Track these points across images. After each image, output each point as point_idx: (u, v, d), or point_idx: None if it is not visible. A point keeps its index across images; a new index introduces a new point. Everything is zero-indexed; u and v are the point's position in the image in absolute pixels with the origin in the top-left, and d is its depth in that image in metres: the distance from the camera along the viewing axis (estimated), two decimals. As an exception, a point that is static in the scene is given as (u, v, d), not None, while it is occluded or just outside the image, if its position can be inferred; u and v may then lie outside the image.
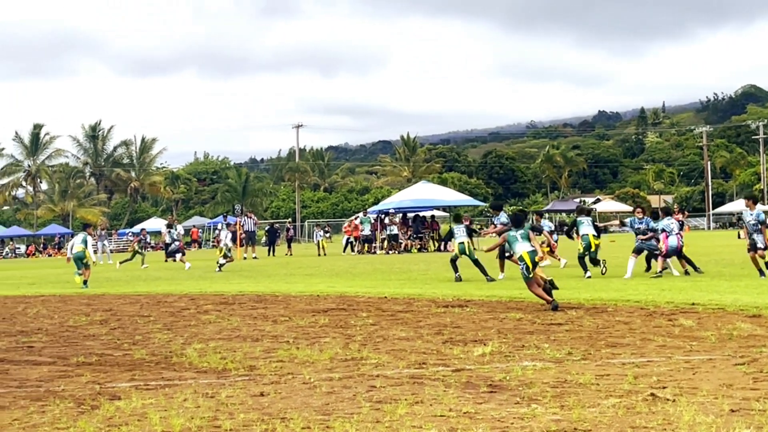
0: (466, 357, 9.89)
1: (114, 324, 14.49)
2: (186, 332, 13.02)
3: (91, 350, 11.42)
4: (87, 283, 24.12)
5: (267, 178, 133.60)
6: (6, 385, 9.00)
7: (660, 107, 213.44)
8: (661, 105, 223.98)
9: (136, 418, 7.29)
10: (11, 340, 12.87)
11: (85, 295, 21.02)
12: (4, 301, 20.51)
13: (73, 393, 8.43)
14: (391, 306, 15.76)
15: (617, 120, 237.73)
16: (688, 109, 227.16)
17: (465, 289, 18.88)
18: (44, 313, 16.83)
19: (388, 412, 7.16)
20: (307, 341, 11.54)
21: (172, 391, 8.35)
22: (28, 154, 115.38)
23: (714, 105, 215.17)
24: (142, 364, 10.11)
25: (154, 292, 21.31)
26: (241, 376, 9.11)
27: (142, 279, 27.77)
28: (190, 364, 9.98)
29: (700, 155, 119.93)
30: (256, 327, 13.37)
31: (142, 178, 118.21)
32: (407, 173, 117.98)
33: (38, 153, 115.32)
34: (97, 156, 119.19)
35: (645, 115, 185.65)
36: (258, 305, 16.78)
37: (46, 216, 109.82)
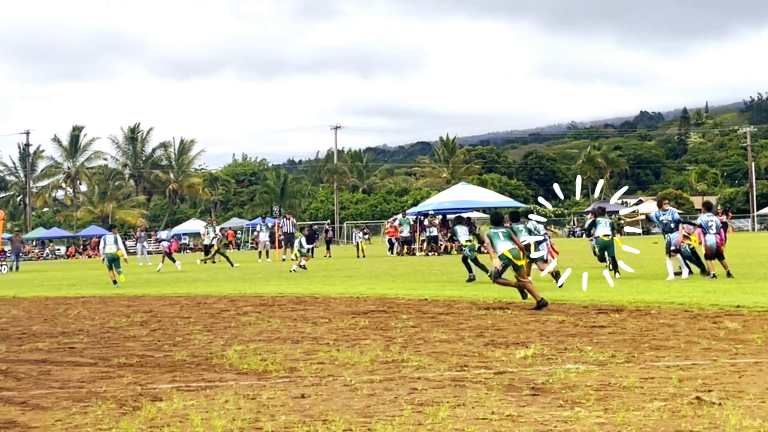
0: (508, 359, 9.87)
1: (154, 325, 14.61)
2: (226, 334, 13.09)
3: (132, 351, 11.52)
4: (117, 283, 25.43)
5: (305, 179, 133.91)
6: (48, 386, 9.11)
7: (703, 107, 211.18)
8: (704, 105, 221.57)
9: (178, 419, 7.34)
10: (53, 341, 13.02)
11: (125, 297, 21.19)
12: (46, 302, 20.74)
13: (115, 394, 8.51)
14: (431, 308, 15.76)
15: (659, 120, 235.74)
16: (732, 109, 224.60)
17: (506, 291, 18.80)
18: (85, 315, 17.00)
19: (429, 414, 7.16)
20: (347, 343, 11.57)
21: (213, 393, 8.40)
22: (68, 156, 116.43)
23: (758, 105, 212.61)
24: (182, 366, 10.18)
25: (193, 293, 21.44)
26: (282, 377, 9.15)
27: (182, 280, 27.94)
28: (231, 366, 10.03)
29: (743, 156, 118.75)
30: (296, 329, 13.41)
31: (181, 179, 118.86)
32: (446, 174, 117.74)
33: (78, 155, 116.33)
34: (136, 158, 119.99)
35: (688, 115, 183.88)
36: (298, 307, 16.83)
37: (86, 217, 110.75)
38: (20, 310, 18.69)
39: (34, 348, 12.28)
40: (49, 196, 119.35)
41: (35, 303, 20.51)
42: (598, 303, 15.40)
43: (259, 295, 19.84)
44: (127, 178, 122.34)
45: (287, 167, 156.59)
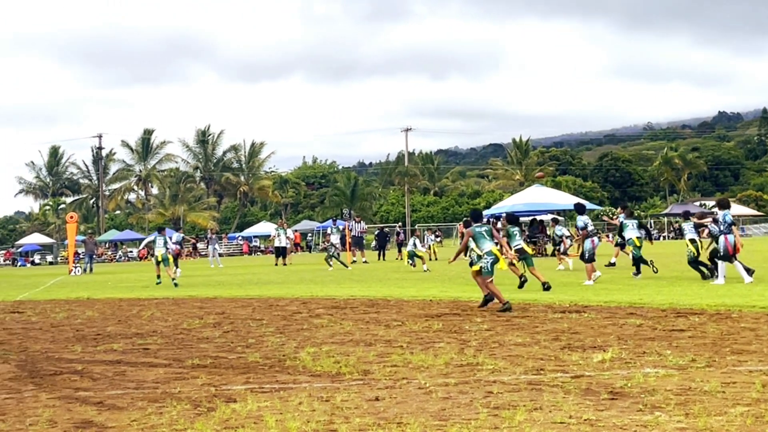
0: (585, 363, 9.79)
1: (227, 327, 14.76)
2: (299, 336, 13.18)
3: (206, 353, 11.66)
4: (161, 279, 27.99)
5: (376, 182, 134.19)
6: (124, 387, 9.25)
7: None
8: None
9: (252, 420, 7.41)
10: (127, 342, 13.22)
11: (198, 299, 21.46)
12: (120, 303, 21.08)
13: (190, 395, 8.61)
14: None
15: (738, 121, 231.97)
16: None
17: (582, 294, 18.70)
18: (158, 316, 17.25)
19: (506, 418, 7.14)
20: (421, 346, 11.57)
21: (287, 395, 8.46)
22: (140, 159, 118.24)
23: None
24: (256, 367, 10.27)
25: (265, 295, 21.63)
26: (356, 380, 9.19)
27: (253, 282, 28.19)
28: (304, 368, 10.09)
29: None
30: (369, 331, 13.46)
31: (251, 182, 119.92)
32: (519, 177, 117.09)
33: (149, 158, 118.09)
34: (207, 160, 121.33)
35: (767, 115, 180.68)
36: (370, 309, 16.89)
37: (158, 220, 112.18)
38: (95, 311, 19.03)
39: (109, 349, 12.49)
40: (121, 198, 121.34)
41: (109, 304, 20.86)
42: (677, 306, 15.28)
43: (331, 298, 19.94)
44: (198, 180, 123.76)
45: (357, 170, 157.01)
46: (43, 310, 19.75)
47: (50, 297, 24.84)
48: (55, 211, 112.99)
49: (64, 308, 20.11)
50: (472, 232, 17.02)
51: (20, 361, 11.48)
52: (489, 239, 16.82)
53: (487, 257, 16.61)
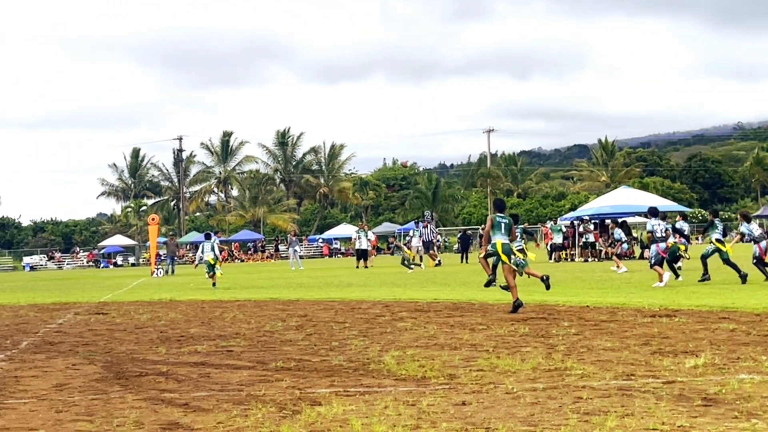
0: (677, 369, 9.65)
1: (310, 330, 14.87)
2: (382, 339, 13.21)
3: (289, 355, 11.75)
4: (216, 285, 29.88)
5: (457, 183, 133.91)
6: (208, 389, 9.37)
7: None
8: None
9: (338, 424, 7.44)
10: (211, 344, 13.40)
11: (280, 301, 21.66)
12: (202, 305, 21.38)
13: (274, 397, 8.68)
14: (594, 315, 15.56)
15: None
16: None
17: (672, 297, 18.46)
18: (241, 318, 17.44)
19: (596, 424, 7.07)
20: (507, 350, 11.52)
21: (372, 398, 8.49)
22: (219, 161, 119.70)
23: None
24: (340, 371, 10.32)
25: (347, 298, 21.74)
26: (441, 384, 9.18)
27: (335, 285, 28.35)
28: (389, 372, 10.11)
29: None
30: (454, 335, 13.44)
31: (331, 184, 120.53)
32: (605, 178, 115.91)
33: (229, 160, 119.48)
34: (287, 162, 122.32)
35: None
36: (454, 313, 16.87)
37: (238, 222, 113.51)
38: (178, 313, 19.32)
39: (193, 351, 12.66)
40: (202, 200, 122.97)
41: (192, 306, 21.17)
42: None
43: (414, 301, 19.96)
44: (278, 182, 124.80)
45: (438, 171, 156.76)
46: (127, 312, 20.12)
47: (133, 298, 25.29)
48: (136, 213, 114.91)
49: (148, 310, 20.47)
50: (493, 221, 17.41)
51: (106, 363, 11.70)
52: (503, 232, 17.21)
53: (490, 248, 17.40)
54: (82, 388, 9.69)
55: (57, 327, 17.21)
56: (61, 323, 18.00)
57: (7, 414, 8.28)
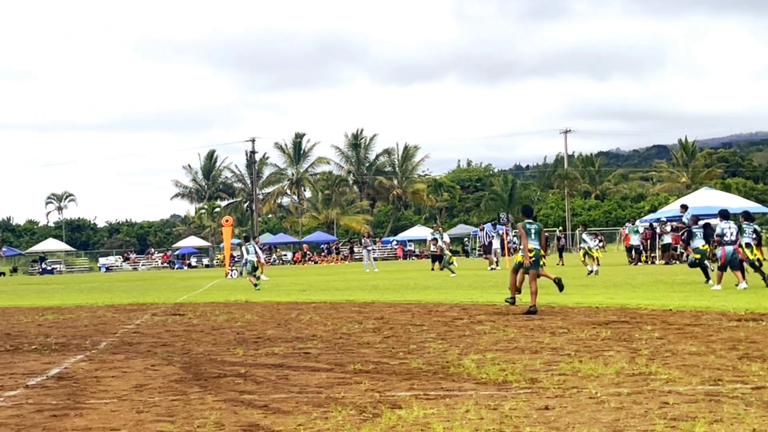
0: (766, 374, 9.49)
1: (387, 332, 14.89)
2: (461, 342, 13.19)
3: (367, 358, 11.78)
4: (258, 286, 30.66)
5: (533, 185, 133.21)
6: (287, 390, 9.42)
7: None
8: None
9: (419, 427, 7.44)
10: (288, 345, 13.48)
11: (356, 303, 21.74)
12: (278, 307, 21.55)
13: (354, 400, 8.71)
14: (677, 319, 15.37)
15: None
16: None
17: (758, 301, 18.16)
18: (317, 320, 17.53)
19: (684, 430, 6.98)
20: (589, 354, 11.43)
21: (453, 402, 8.47)
22: (292, 163, 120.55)
23: None
24: (419, 374, 10.31)
25: (423, 300, 21.74)
26: (523, 388, 9.13)
27: (410, 287, 28.36)
28: (469, 375, 10.09)
29: None
30: (534, 338, 13.37)
31: (405, 185, 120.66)
32: (685, 179, 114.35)
33: (301, 161, 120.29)
34: (360, 164, 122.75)
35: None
36: (533, 316, 16.78)
37: (311, 224, 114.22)
38: (253, 314, 19.49)
39: (270, 352, 12.76)
40: (274, 202, 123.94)
41: (267, 308, 21.35)
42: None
43: (491, 304, 19.91)
44: (351, 184, 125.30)
45: (514, 173, 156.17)
46: (203, 313, 20.34)
47: (209, 300, 25.57)
48: (210, 215, 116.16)
49: (224, 311, 20.68)
50: (524, 228, 18.26)
51: (184, 364, 11.84)
52: (534, 238, 18.22)
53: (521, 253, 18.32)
54: (162, 388, 9.82)
55: (135, 328, 17.47)
56: (138, 324, 18.27)
57: (89, 414, 8.42)
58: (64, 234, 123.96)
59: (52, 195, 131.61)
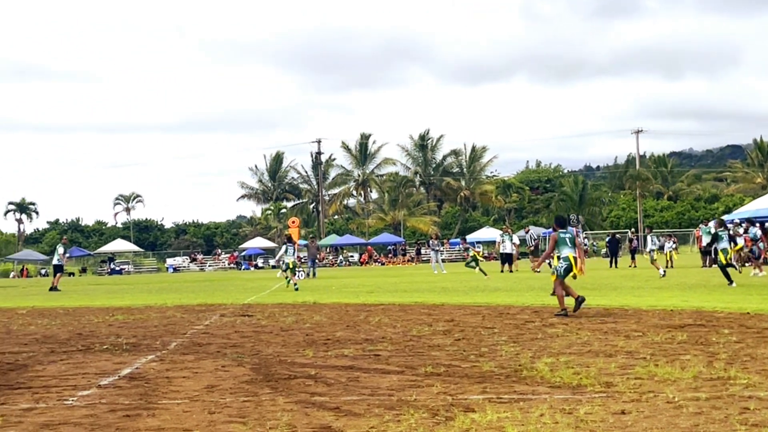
0: None
1: (458, 335, 14.86)
2: (533, 345, 13.12)
3: (438, 360, 11.77)
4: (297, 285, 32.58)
5: (604, 186, 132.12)
6: (358, 393, 9.45)
7: None
8: None
9: (494, 431, 7.43)
10: (357, 347, 13.52)
11: (425, 305, 21.74)
12: (346, 308, 21.62)
13: (426, 403, 8.70)
14: (756, 323, 15.14)
15: None
16: None
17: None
18: (386, 322, 17.56)
19: (767, 437, 6.89)
20: (665, 358, 11.30)
21: (527, 406, 8.43)
22: (358, 164, 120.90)
23: None
24: (491, 377, 10.28)
25: (494, 303, 21.67)
26: (598, 392, 9.05)
27: (480, 290, 28.29)
28: (542, 379, 10.04)
29: None
30: (608, 342, 13.26)
31: (473, 187, 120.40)
32: (761, 180, 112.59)
33: (367, 162, 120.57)
34: (427, 165, 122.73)
35: None
36: (607, 319, 16.65)
37: (377, 225, 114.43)
38: (322, 315, 19.57)
39: (340, 354, 12.80)
40: (341, 203, 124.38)
41: (335, 309, 21.42)
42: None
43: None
44: (418, 185, 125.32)
45: (584, 173, 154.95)
46: (272, 314, 20.47)
47: (277, 301, 25.72)
48: (276, 216, 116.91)
49: (292, 312, 20.79)
50: (557, 237, 18.59)
51: (254, 365, 11.92)
52: (569, 246, 18.49)
53: (562, 262, 18.35)
54: (233, 389, 9.90)
55: (204, 328, 17.63)
56: (207, 325, 18.44)
57: (161, 414, 8.52)
58: (132, 235, 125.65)
59: (120, 196, 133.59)
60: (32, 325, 19.76)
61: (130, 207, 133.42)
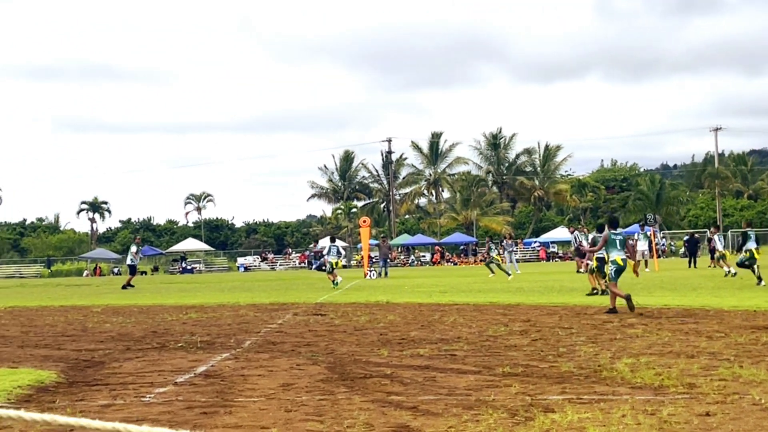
0: None
1: (534, 335, 14.79)
2: (612, 346, 13.01)
3: (516, 361, 11.72)
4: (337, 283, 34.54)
5: (682, 185, 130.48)
6: (435, 392, 9.44)
7: None
8: None
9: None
10: (433, 347, 13.51)
11: (500, 305, 21.67)
12: (419, 308, 21.62)
13: (504, 403, 8.67)
14: (843, 325, 14.86)
15: None
16: None
17: None
18: (461, 322, 17.52)
19: None
20: (750, 360, 11.13)
21: (608, 406, 8.36)
22: (429, 163, 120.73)
23: None
24: (570, 377, 10.21)
25: (570, 303, 21.53)
26: (681, 393, 8.95)
27: (556, 290, 28.13)
28: (623, 379, 9.95)
29: None
30: (689, 342, 13.10)
31: (547, 186, 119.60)
32: None
33: (439, 161, 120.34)
34: (499, 164, 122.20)
35: None
36: (687, 319, 16.45)
37: (449, 225, 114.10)
38: (396, 315, 19.59)
39: (415, 354, 12.80)
40: (412, 202, 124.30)
41: (409, 309, 21.44)
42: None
43: (642, 307, 19.56)
44: (491, 184, 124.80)
45: (661, 172, 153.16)
46: (345, 313, 20.55)
47: (349, 300, 25.81)
48: (346, 215, 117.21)
49: (365, 312, 20.85)
50: (608, 237, 19.15)
51: (329, 364, 11.97)
52: (618, 248, 19.03)
53: (611, 265, 19.02)
54: (309, 388, 9.96)
55: (277, 327, 17.76)
56: (281, 323, 18.57)
57: (238, 412, 8.59)
58: (203, 234, 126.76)
59: (191, 195, 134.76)
60: (107, 322, 20.06)
61: (201, 206, 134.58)
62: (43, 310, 25.41)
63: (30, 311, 25.33)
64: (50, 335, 17.45)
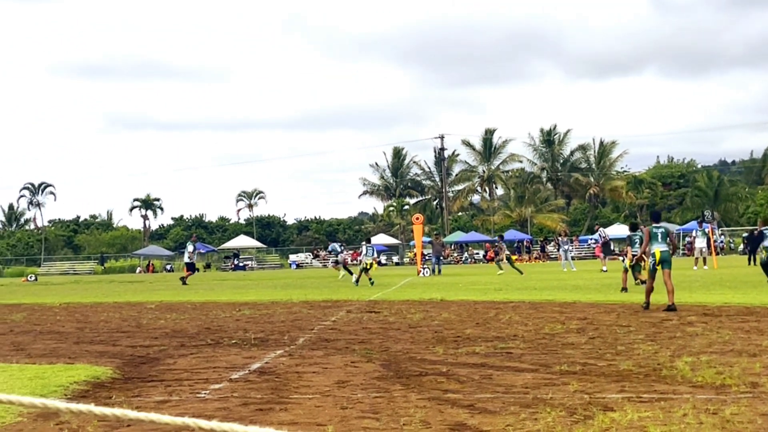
0: None
1: (592, 333, 14.71)
2: (672, 344, 12.90)
3: (573, 359, 11.65)
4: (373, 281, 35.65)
5: (741, 181, 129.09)
6: (492, 390, 9.41)
7: None
8: None
9: (635, 431, 7.31)
10: (488, 345, 13.47)
11: (557, 303, 21.57)
12: (474, 306, 21.57)
13: (563, 401, 8.62)
14: None
15: None
16: None
17: None
18: (517, 320, 17.47)
19: None
20: (814, 359, 11.00)
21: (669, 405, 8.29)
22: (482, 160, 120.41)
23: None
24: (629, 376, 10.13)
25: (628, 301, 21.36)
26: (744, 392, 8.85)
27: (613, 287, 27.92)
28: (683, 378, 9.85)
29: None
30: (751, 341, 12.95)
31: (602, 182, 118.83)
32: None
33: (492, 158, 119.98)
34: (554, 161, 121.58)
35: None
36: (748, 318, 16.27)
37: (503, 222, 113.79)
38: (450, 313, 19.57)
39: (471, 351, 12.78)
40: (465, 199, 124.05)
41: (464, 306, 21.40)
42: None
43: (702, 305, 19.43)
44: (545, 181, 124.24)
45: (719, 168, 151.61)
46: (399, 311, 20.56)
47: (403, 297, 25.83)
48: (399, 212, 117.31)
49: (419, 309, 20.84)
50: (650, 232, 19.32)
51: (384, 361, 11.98)
52: (660, 241, 19.08)
53: (651, 258, 19.27)
54: (364, 385, 9.97)
55: (331, 324, 17.81)
56: (334, 321, 18.62)
57: (293, 409, 8.62)
58: (255, 231, 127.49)
59: (243, 192, 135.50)
60: (161, 319, 20.23)
61: (253, 203, 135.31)
62: (98, 307, 25.71)
63: (85, 307, 25.63)
64: (105, 331, 17.64)
